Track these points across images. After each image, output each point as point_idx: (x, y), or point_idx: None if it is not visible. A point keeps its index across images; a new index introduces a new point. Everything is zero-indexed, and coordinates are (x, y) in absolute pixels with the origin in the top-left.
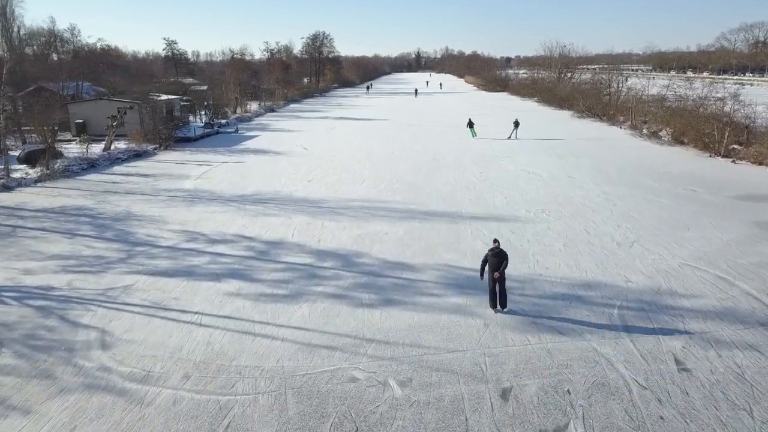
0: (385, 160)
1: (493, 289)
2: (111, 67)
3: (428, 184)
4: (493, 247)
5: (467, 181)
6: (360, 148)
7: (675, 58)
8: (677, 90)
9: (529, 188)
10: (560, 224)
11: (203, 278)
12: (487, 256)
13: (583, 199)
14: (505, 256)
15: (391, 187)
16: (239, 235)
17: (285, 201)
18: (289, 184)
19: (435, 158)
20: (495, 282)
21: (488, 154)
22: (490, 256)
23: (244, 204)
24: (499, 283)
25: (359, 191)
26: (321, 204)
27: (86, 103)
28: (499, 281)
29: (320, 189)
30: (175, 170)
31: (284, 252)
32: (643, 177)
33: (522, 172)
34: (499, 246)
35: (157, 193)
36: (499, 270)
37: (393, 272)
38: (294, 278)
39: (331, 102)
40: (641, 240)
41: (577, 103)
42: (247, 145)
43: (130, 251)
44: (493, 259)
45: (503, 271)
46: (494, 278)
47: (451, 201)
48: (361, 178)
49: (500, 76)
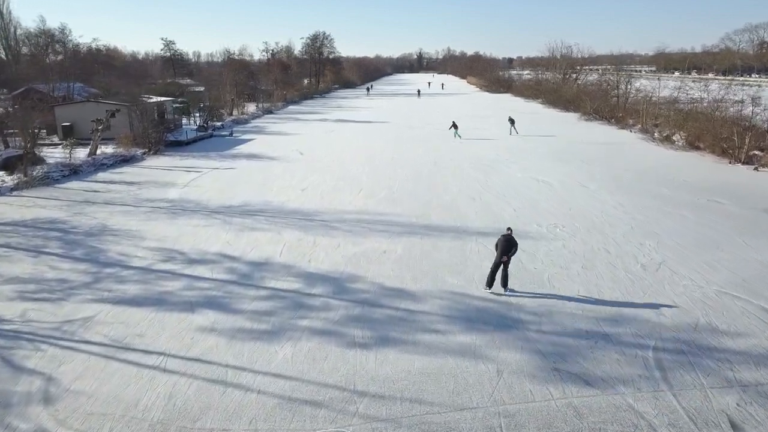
0: (384, 166)
1: (494, 271)
2: (106, 68)
3: (430, 193)
4: (505, 234)
5: (472, 190)
6: (359, 152)
7: (679, 59)
8: (689, 92)
9: (539, 198)
10: (576, 241)
11: (175, 308)
12: (499, 241)
13: (598, 212)
14: (515, 243)
15: (391, 196)
16: (221, 253)
17: (275, 213)
18: (281, 193)
19: (437, 163)
20: (501, 264)
21: (493, 159)
22: (503, 241)
23: (231, 216)
24: (504, 265)
25: (356, 201)
26: (314, 216)
27: (73, 106)
28: (505, 264)
29: (314, 199)
30: (162, 177)
31: (269, 275)
32: (660, 186)
33: (530, 179)
34: (512, 233)
35: (138, 204)
36: (508, 255)
37: (391, 301)
38: (278, 309)
39: (330, 103)
40: (668, 261)
41: (583, 105)
42: (240, 149)
43: (97, 274)
44: (505, 244)
45: (510, 257)
46: (502, 261)
47: (455, 213)
48: (358, 185)
49: (503, 77)
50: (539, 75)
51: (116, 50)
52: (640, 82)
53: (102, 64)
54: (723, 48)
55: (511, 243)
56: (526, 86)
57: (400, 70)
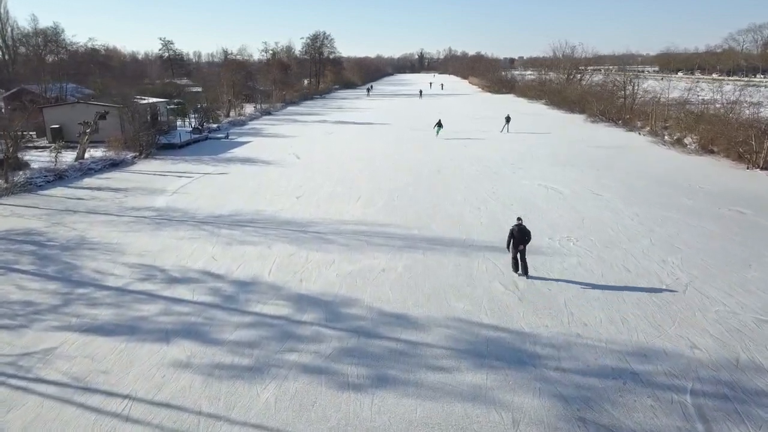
0: (384, 171)
1: (515, 257)
2: (103, 68)
3: (433, 201)
4: (517, 224)
5: (477, 199)
6: (358, 156)
7: (683, 59)
8: (700, 93)
9: (549, 208)
10: (592, 258)
11: (148, 338)
12: (512, 231)
13: (614, 224)
14: (528, 232)
15: (391, 204)
16: (205, 271)
17: (267, 223)
18: (274, 201)
19: (440, 170)
20: (518, 251)
21: (499, 165)
22: (516, 231)
23: (219, 227)
24: (521, 254)
25: (354, 210)
26: (308, 227)
27: (62, 107)
28: (522, 252)
29: (309, 207)
30: (151, 183)
31: (256, 297)
32: (677, 194)
33: (539, 187)
34: (522, 222)
35: (122, 213)
36: (524, 243)
37: (390, 330)
38: (263, 339)
39: (330, 104)
40: (696, 282)
41: (590, 107)
42: (235, 152)
43: (68, 295)
44: (519, 234)
45: (526, 246)
46: (519, 249)
47: (460, 224)
48: (357, 192)
49: (506, 78)
50: (543, 75)
51: (115, 50)
52: (648, 83)
53: (98, 64)
54: (726, 48)
55: (525, 232)
56: (529, 87)
57: (402, 71)
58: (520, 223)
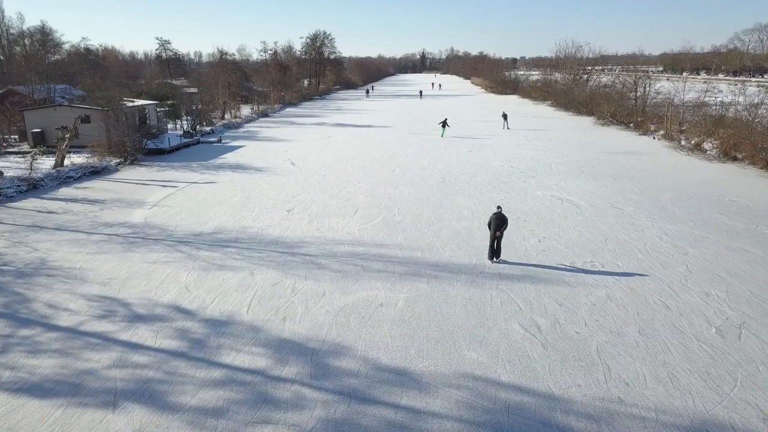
0: (384, 181)
1: (492, 245)
2: (97, 68)
3: (438, 217)
4: (497, 212)
5: (487, 214)
6: (356, 163)
7: (688, 60)
8: (717, 95)
9: (568, 225)
10: (623, 289)
11: (91, 402)
12: (491, 219)
13: (641, 244)
14: (506, 219)
15: (391, 220)
16: (175, 305)
17: (252, 243)
18: (263, 215)
19: (444, 179)
20: (495, 239)
21: (508, 173)
22: (494, 218)
23: (199, 248)
24: (497, 240)
25: (350, 228)
26: (298, 248)
27: (44, 110)
28: (498, 238)
29: (301, 224)
30: (131, 194)
31: (229, 342)
32: (707, 209)
33: (554, 199)
34: (501, 211)
35: (94, 229)
36: (500, 230)
37: (388, 393)
38: (231, 404)
39: (330, 106)
40: (750, 323)
41: (599, 109)
42: (226, 158)
43: (8, 339)
44: (497, 221)
45: (503, 232)
46: (496, 236)
47: (469, 245)
48: (353, 206)
49: (510, 78)
50: (548, 76)
51: (113, 50)
52: (660, 84)
53: (91, 64)
54: (732, 48)
55: (502, 219)
56: (534, 88)
57: (403, 71)
58: (499, 212)
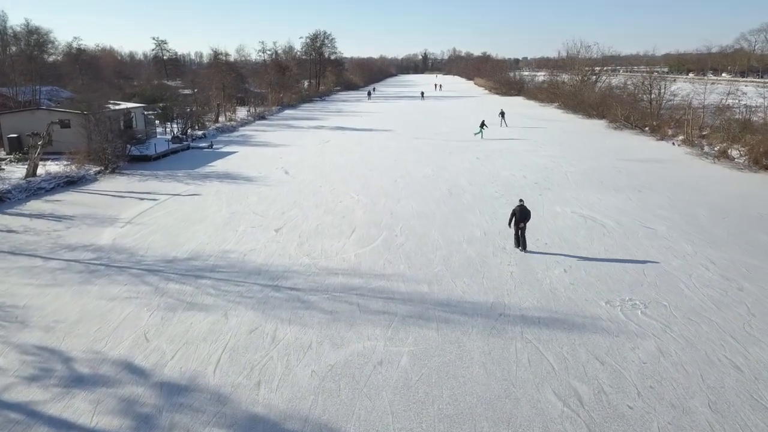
0: (385, 192)
1: (517, 234)
2: (88, 69)
3: (446, 239)
4: (519, 205)
5: (503, 236)
6: (355, 171)
7: (693, 60)
8: (741, 98)
9: (596, 250)
10: (676, 340)
11: None
12: (515, 211)
13: (685, 276)
14: (528, 212)
15: (393, 242)
16: (127, 362)
17: (232, 272)
18: (248, 236)
19: (451, 191)
20: (519, 230)
21: (522, 185)
22: (518, 211)
23: (168, 279)
24: (521, 231)
25: (345, 252)
26: (284, 279)
27: (20, 114)
28: (522, 229)
29: (290, 246)
30: (105, 208)
31: (185, 420)
32: (752, 230)
33: (575, 217)
34: (524, 204)
35: (53, 254)
36: (525, 222)
37: None
38: None
39: (330, 107)
40: None
41: (612, 112)
42: (216, 166)
43: None
44: (521, 214)
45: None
46: (520, 227)
47: (484, 275)
48: (350, 224)
49: (514, 79)
50: (555, 77)
51: (111, 50)
52: (677, 86)
53: (84, 65)
54: (738, 48)
55: (525, 213)
56: (540, 89)
57: (405, 71)
58: (522, 204)
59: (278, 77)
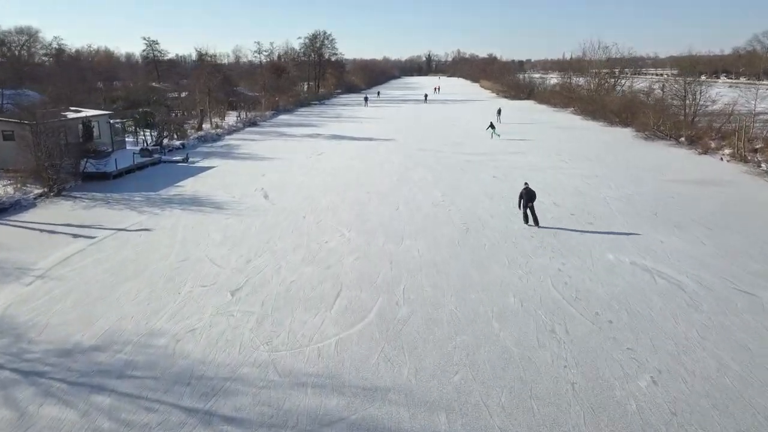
0: (384, 228)
1: (525, 213)
2: (68, 70)
3: (467, 312)
4: (525, 188)
5: (545, 304)
6: (349, 196)
7: (705, 62)
8: None
9: (687, 336)
10: None
11: None
12: (522, 194)
13: None
14: (534, 193)
15: (392, 320)
16: None
17: (146, 380)
18: (190, 304)
19: (468, 226)
20: (527, 208)
21: (555, 217)
22: (525, 193)
23: (47, 393)
24: (530, 209)
25: (322, 337)
26: (221, 400)
27: None
28: (531, 208)
29: (245, 326)
30: (22, 250)
31: None
32: None
33: (639, 272)
34: (529, 186)
35: None
36: (531, 201)
37: None
38: None
39: (328, 112)
40: None
41: (639, 119)
42: (184, 186)
43: None
44: (527, 196)
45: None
46: (528, 206)
47: (534, 397)
48: (335, 282)
49: (524, 82)
50: (570, 80)
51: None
52: (716, 91)
53: (64, 65)
54: (751, 50)
55: (532, 193)
56: (553, 93)
57: (408, 73)
58: (527, 187)
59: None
